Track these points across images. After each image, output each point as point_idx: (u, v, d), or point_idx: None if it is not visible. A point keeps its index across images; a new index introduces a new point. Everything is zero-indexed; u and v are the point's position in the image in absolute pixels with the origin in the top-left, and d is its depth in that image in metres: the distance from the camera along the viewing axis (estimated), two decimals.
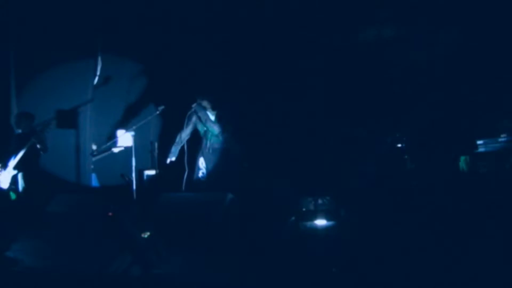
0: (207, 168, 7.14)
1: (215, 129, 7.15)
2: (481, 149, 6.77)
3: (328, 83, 7.87)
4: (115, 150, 8.42)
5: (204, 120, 7.20)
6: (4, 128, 7.80)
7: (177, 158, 7.37)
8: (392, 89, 7.53)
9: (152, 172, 8.29)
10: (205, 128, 7.20)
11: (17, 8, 7.78)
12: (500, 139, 6.87)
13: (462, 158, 6.67)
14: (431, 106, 6.87)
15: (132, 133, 7.33)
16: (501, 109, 7.00)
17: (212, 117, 7.24)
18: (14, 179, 7.28)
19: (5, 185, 7.24)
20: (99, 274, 4.56)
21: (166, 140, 8.98)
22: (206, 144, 7.19)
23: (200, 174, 7.16)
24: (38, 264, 4.91)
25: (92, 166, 8.41)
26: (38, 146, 7.31)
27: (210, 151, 7.17)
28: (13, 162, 7.24)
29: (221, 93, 7.49)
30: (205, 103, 7.21)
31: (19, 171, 7.28)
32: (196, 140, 7.35)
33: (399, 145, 7.03)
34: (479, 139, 6.83)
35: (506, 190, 6.13)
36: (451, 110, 6.82)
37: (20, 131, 7.58)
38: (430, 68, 7.37)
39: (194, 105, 7.16)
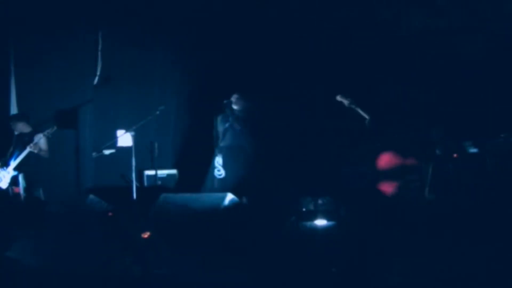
0: (224, 167, 7.12)
1: (238, 126, 7.13)
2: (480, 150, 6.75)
3: (328, 83, 7.86)
4: (106, 152, 8.38)
5: (228, 117, 7.20)
6: (4, 128, 7.81)
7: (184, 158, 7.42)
8: (391, 90, 7.52)
9: (152, 172, 8.31)
10: (226, 125, 7.18)
11: (17, 8, 7.78)
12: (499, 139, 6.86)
13: None
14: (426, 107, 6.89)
15: (132, 133, 7.33)
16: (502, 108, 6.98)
17: (240, 115, 7.22)
18: (15, 179, 7.27)
19: (4, 185, 7.24)
20: (99, 274, 4.56)
21: (166, 140, 9.02)
22: (225, 143, 7.19)
23: (217, 173, 7.13)
24: (38, 264, 4.91)
25: (92, 167, 8.42)
26: (39, 149, 7.29)
27: (228, 149, 7.17)
28: (13, 163, 7.23)
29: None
30: (240, 102, 7.18)
31: (20, 172, 7.27)
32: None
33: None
34: (479, 139, 6.81)
35: (506, 190, 6.13)
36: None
37: (18, 132, 7.57)
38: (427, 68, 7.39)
39: (225, 101, 7.17)
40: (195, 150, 8.36)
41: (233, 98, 7.15)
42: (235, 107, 7.16)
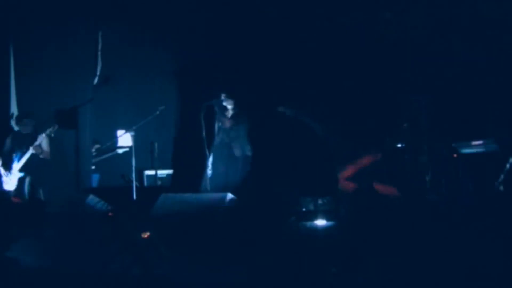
0: (213, 166, 7.16)
1: (228, 125, 7.19)
2: (481, 150, 6.75)
3: (328, 82, 7.86)
4: (120, 151, 8.42)
5: (219, 116, 7.25)
6: (4, 128, 7.80)
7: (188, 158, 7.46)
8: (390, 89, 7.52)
9: (152, 172, 8.30)
10: (219, 124, 7.25)
11: (17, 8, 7.79)
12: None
13: None
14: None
15: (132, 133, 7.34)
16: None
17: (229, 114, 7.26)
18: (21, 183, 7.23)
19: (11, 187, 7.21)
20: (99, 274, 4.56)
21: (166, 140, 9.01)
22: (217, 141, 7.24)
23: (208, 172, 7.16)
24: (38, 264, 4.91)
25: (93, 167, 8.41)
26: (41, 151, 7.28)
27: (217, 148, 7.21)
28: (17, 165, 7.20)
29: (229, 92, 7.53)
30: (229, 101, 7.22)
31: (26, 175, 7.24)
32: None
33: (399, 145, 7.02)
34: (479, 139, 6.80)
35: (506, 191, 6.13)
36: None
37: (18, 129, 7.55)
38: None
39: (214, 101, 7.21)
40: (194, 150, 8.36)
41: (222, 96, 7.21)
42: (226, 104, 7.21)
